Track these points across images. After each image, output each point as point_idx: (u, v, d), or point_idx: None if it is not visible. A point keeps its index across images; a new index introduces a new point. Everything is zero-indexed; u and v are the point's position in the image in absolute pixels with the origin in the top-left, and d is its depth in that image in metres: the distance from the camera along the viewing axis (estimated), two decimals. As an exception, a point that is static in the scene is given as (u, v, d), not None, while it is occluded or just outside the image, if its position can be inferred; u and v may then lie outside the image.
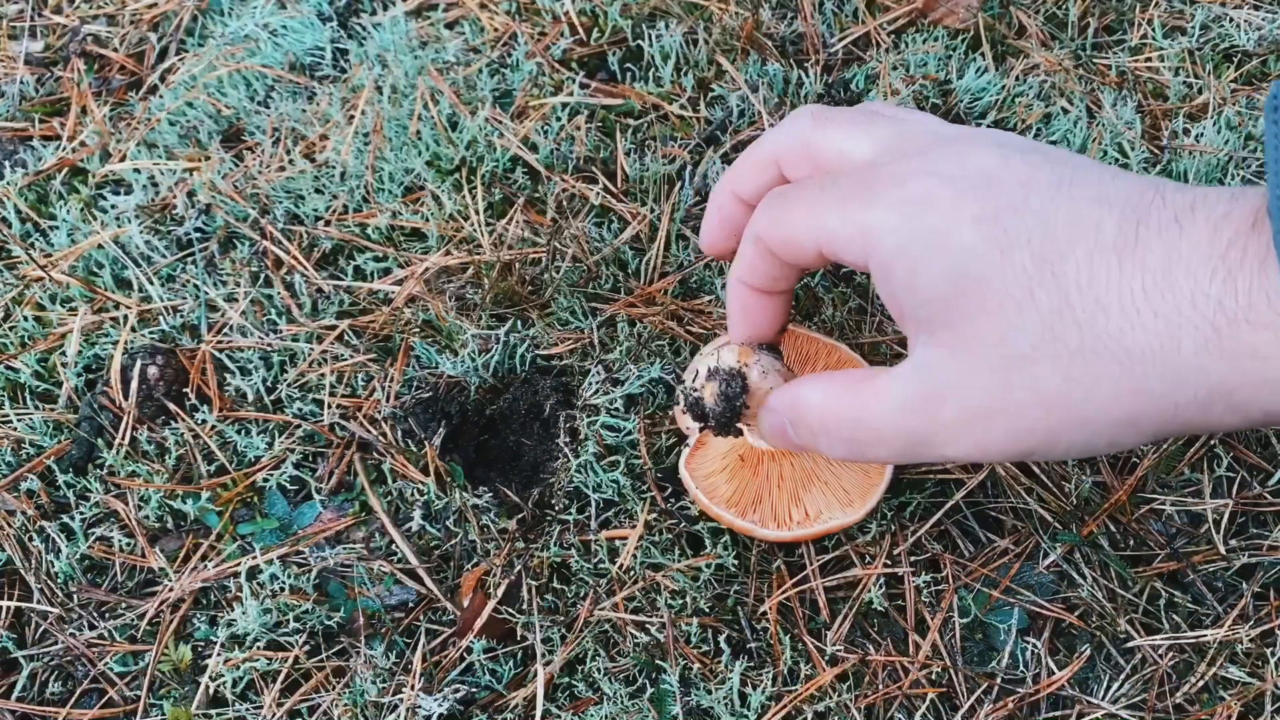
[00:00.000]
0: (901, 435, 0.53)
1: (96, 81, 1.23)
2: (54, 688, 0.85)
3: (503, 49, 1.17)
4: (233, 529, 0.90)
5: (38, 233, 1.10)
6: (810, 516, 0.78)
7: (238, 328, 1.00)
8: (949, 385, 0.50)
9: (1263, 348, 0.42)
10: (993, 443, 0.49)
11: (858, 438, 0.55)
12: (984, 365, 0.48)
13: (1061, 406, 0.47)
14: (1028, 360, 0.46)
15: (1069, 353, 0.45)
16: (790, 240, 0.56)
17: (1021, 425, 0.48)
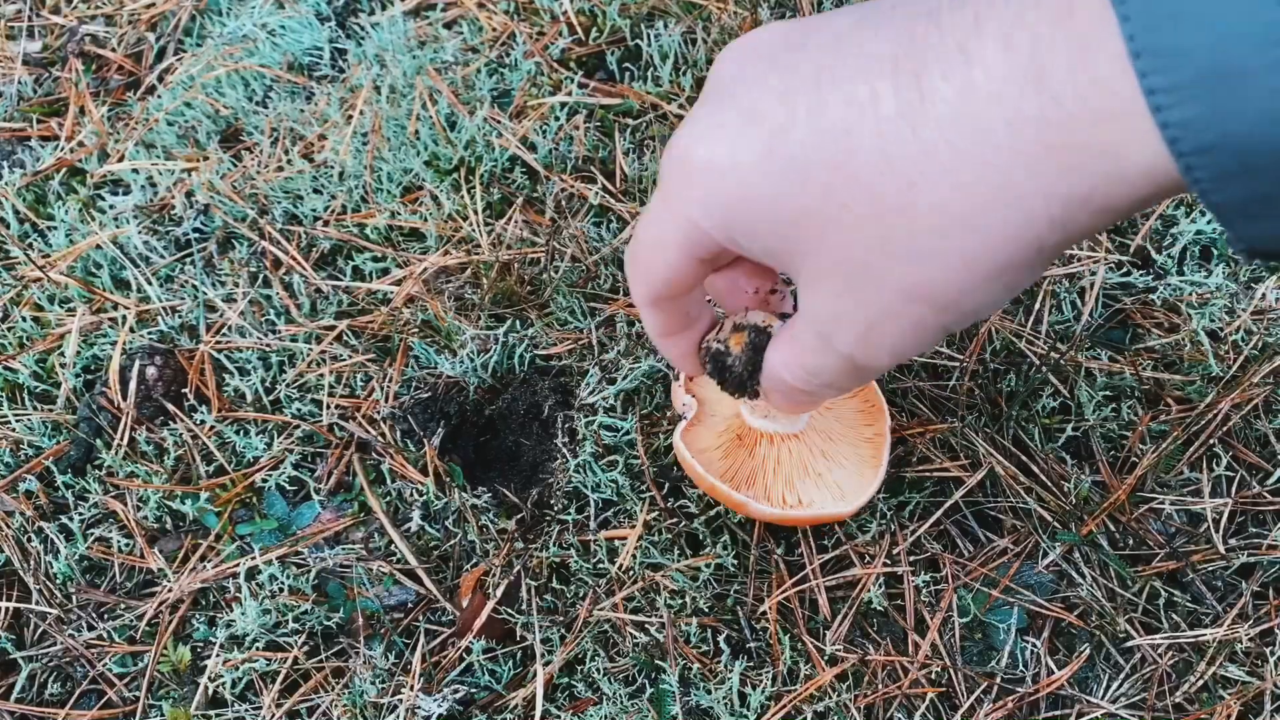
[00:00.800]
0: (836, 371, 0.52)
1: (95, 82, 1.23)
2: (53, 689, 0.85)
3: (501, 49, 1.16)
4: (232, 529, 0.90)
5: (36, 233, 1.10)
6: (803, 504, 0.78)
7: (236, 328, 1.00)
8: (828, 319, 0.49)
9: (1111, 144, 0.37)
10: (899, 344, 0.48)
11: (816, 386, 0.55)
12: (841, 290, 0.47)
13: (926, 293, 0.45)
14: (870, 268, 0.45)
15: (904, 245, 0.43)
16: (657, 247, 0.53)
17: (906, 322, 0.47)
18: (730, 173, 0.47)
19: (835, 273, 0.47)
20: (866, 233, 0.44)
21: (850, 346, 0.50)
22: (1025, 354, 0.92)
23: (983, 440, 0.87)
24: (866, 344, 0.49)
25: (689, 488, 0.86)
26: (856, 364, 0.51)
